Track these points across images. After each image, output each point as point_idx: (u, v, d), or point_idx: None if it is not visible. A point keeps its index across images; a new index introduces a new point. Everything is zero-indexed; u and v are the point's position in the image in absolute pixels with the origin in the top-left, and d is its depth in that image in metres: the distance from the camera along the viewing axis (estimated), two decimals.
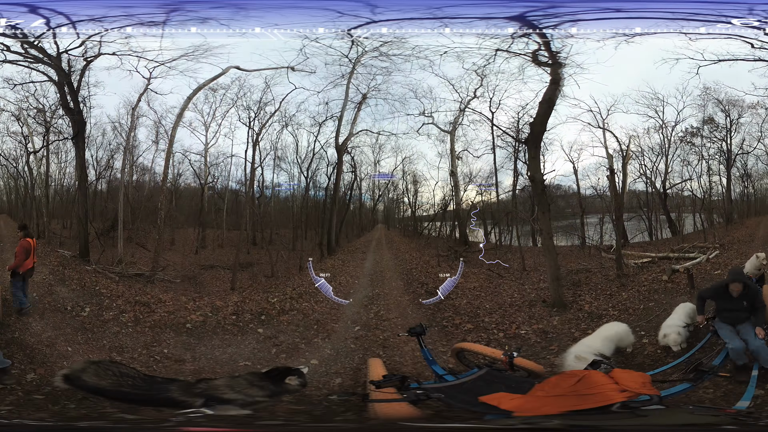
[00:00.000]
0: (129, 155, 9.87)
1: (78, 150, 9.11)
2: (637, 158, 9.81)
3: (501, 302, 8.07)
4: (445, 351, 6.32)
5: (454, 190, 10.34)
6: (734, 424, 3.35)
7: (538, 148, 8.33)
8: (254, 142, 9.81)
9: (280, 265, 9.74)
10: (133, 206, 10.29)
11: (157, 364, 6.06)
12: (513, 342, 6.72)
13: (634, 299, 7.56)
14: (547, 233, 8.16)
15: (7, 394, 4.73)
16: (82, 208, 9.17)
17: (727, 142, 9.40)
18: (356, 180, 10.94)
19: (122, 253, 9.39)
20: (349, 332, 7.26)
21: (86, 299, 7.41)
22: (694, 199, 9.94)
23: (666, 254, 9.01)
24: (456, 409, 3.44)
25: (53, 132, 9.50)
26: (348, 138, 9.95)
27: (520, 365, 4.52)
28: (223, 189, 10.77)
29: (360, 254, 10.82)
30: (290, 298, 8.26)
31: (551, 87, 7.89)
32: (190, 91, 9.04)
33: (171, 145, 9.59)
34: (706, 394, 4.48)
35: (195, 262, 9.73)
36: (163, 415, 3.58)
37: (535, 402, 3.45)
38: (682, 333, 5.69)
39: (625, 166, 9.19)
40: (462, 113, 9.58)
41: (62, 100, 8.80)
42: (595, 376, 3.59)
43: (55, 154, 9.92)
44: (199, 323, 7.27)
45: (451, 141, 9.97)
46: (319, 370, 6.11)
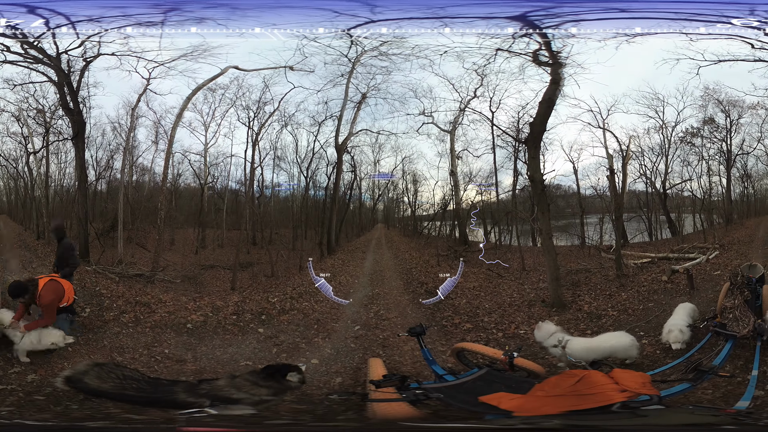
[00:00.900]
0: (129, 155, 9.88)
1: (78, 150, 9.11)
2: (637, 158, 9.82)
3: (500, 302, 8.07)
4: (444, 351, 6.32)
5: (454, 189, 10.35)
6: (734, 424, 3.35)
7: (538, 148, 8.33)
8: (254, 142, 9.82)
9: (280, 265, 9.74)
10: (133, 206, 10.29)
11: (158, 365, 6.06)
12: (512, 342, 6.72)
13: (633, 299, 7.57)
14: (546, 233, 8.16)
15: (7, 394, 4.72)
16: (82, 209, 9.16)
17: (727, 142, 9.40)
18: (356, 179, 10.95)
19: (122, 254, 9.39)
20: (349, 332, 7.27)
21: (86, 300, 7.40)
22: (694, 199, 9.94)
23: (666, 255, 9.02)
24: (456, 409, 3.44)
25: (53, 132, 9.49)
26: (348, 137, 9.95)
27: (520, 365, 4.52)
28: (222, 189, 10.78)
29: (360, 254, 10.83)
30: (290, 298, 8.27)
31: (551, 87, 7.89)
32: (190, 92, 9.04)
33: (170, 145, 9.60)
34: (705, 394, 4.48)
35: (195, 262, 9.72)
36: (167, 415, 3.58)
37: (535, 402, 3.45)
38: (684, 331, 5.68)
39: (625, 166, 9.19)
40: (462, 113, 9.58)
41: (62, 101, 8.80)
42: (595, 376, 3.60)
43: (55, 155, 9.92)
44: (200, 323, 7.28)
45: (451, 140, 9.97)
46: (320, 369, 6.11)
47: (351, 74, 9.04)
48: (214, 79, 8.91)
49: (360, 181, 11.05)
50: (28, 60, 8.16)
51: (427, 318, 7.53)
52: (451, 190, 10.40)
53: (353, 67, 8.90)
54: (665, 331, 5.75)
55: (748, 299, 5.68)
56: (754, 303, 5.69)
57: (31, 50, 8.00)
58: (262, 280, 9.27)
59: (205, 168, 10.33)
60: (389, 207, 11.91)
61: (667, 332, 5.71)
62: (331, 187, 10.32)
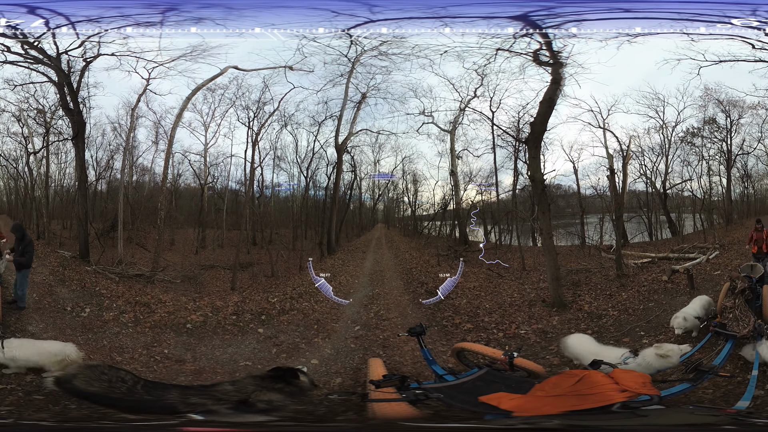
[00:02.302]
0: (129, 156, 9.88)
1: (78, 150, 9.12)
2: (638, 158, 9.83)
3: (501, 302, 8.07)
4: (445, 351, 6.32)
5: (454, 189, 10.35)
6: (734, 424, 3.35)
7: (539, 148, 8.33)
8: (254, 142, 9.82)
9: (280, 265, 9.74)
10: (133, 206, 10.28)
11: (157, 365, 6.06)
12: (512, 342, 6.72)
13: (633, 299, 7.57)
14: (547, 233, 8.16)
15: (7, 394, 4.72)
16: (82, 209, 9.16)
17: (727, 142, 9.41)
18: (356, 179, 10.95)
19: (122, 254, 9.38)
20: (349, 332, 7.27)
21: (86, 300, 7.41)
22: (694, 199, 9.94)
23: (666, 254, 9.01)
24: (456, 409, 3.44)
25: (53, 133, 9.50)
26: (348, 137, 9.95)
27: (520, 365, 4.52)
28: (222, 189, 10.78)
29: (360, 254, 10.83)
30: (290, 298, 8.26)
31: (552, 87, 7.89)
32: (189, 92, 9.05)
33: (170, 145, 9.60)
34: (705, 394, 4.47)
35: (195, 262, 9.72)
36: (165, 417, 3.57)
37: (535, 402, 3.45)
38: (688, 320, 5.84)
39: (626, 166, 9.19)
40: (462, 112, 9.59)
41: (62, 101, 8.80)
42: (595, 376, 3.60)
43: (55, 155, 9.92)
44: (200, 323, 7.28)
45: (451, 140, 9.97)
46: (320, 369, 6.11)
47: (351, 74, 9.06)
48: (213, 79, 8.94)
49: (360, 181, 11.08)
50: (28, 60, 8.16)
51: (427, 318, 7.53)
52: (451, 190, 10.41)
53: (353, 67, 8.91)
54: (673, 317, 5.96)
55: (748, 299, 5.69)
56: (754, 303, 5.70)
57: (32, 51, 8.00)
58: (262, 280, 9.27)
59: (205, 168, 10.34)
60: (389, 207, 11.93)
61: (674, 318, 5.93)
62: (331, 187, 10.33)
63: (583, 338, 5.61)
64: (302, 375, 3.98)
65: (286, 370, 4.00)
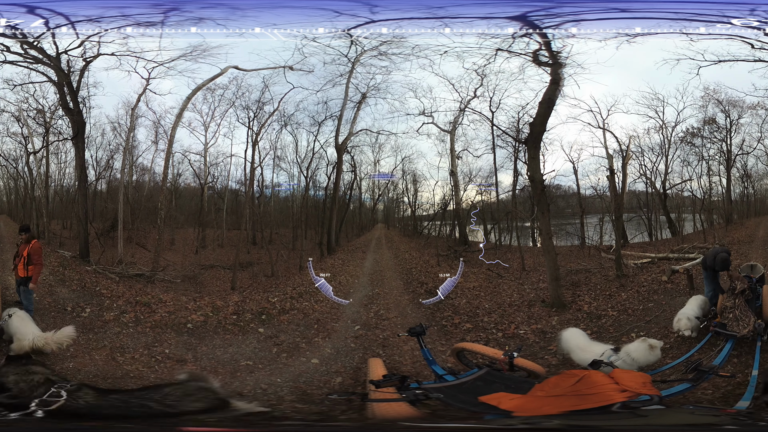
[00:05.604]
0: (129, 155, 9.88)
1: (78, 150, 9.12)
2: (637, 158, 9.82)
3: (500, 302, 8.07)
4: (444, 351, 6.32)
5: (454, 189, 10.35)
6: (734, 424, 3.35)
7: (538, 148, 8.33)
8: (253, 142, 9.82)
9: (280, 265, 9.75)
10: (133, 206, 10.29)
11: (158, 365, 6.06)
12: (512, 342, 6.72)
13: (633, 299, 7.57)
14: (546, 233, 8.16)
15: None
16: (82, 209, 9.17)
17: (727, 142, 9.40)
18: (356, 179, 10.95)
19: (122, 254, 9.39)
20: (349, 332, 7.27)
21: (87, 300, 7.42)
22: (694, 199, 9.94)
23: (666, 255, 9.01)
24: (455, 409, 3.44)
25: (53, 132, 9.50)
26: (348, 137, 9.95)
27: (520, 365, 4.52)
28: (222, 189, 10.78)
29: (360, 254, 10.83)
30: (290, 298, 8.27)
31: (551, 87, 7.89)
32: (189, 92, 9.05)
33: (170, 145, 9.60)
34: (705, 394, 4.48)
35: (195, 262, 9.72)
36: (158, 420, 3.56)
37: (535, 402, 3.45)
38: (692, 320, 5.86)
39: (625, 166, 9.19)
40: (462, 113, 9.58)
41: (62, 101, 8.80)
42: (595, 376, 3.59)
43: (55, 155, 9.92)
44: (200, 323, 7.28)
45: (451, 140, 9.97)
46: (320, 369, 6.12)
47: (351, 74, 9.05)
48: (213, 79, 8.93)
49: (360, 181, 11.07)
50: (28, 60, 8.16)
51: (427, 318, 7.53)
52: (451, 190, 10.41)
53: (353, 67, 8.91)
54: (675, 320, 5.95)
55: (748, 299, 5.70)
56: (754, 303, 5.71)
57: (31, 50, 8.00)
58: (262, 280, 9.27)
59: (205, 168, 10.34)
60: (389, 207, 11.92)
61: (677, 321, 5.91)
62: (331, 187, 10.33)
63: (575, 332, 5.67)
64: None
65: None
